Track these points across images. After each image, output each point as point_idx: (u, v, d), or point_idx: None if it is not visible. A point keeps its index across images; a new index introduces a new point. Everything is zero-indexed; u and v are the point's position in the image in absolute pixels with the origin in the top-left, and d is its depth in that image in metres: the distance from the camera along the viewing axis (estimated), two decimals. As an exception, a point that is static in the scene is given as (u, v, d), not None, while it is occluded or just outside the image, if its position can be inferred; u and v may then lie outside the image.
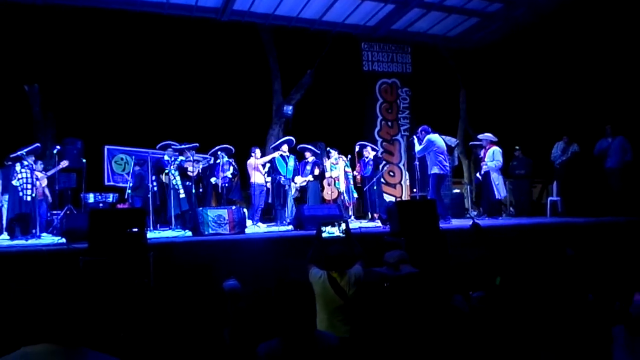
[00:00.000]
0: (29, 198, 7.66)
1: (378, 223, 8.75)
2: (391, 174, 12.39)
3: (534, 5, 10.61)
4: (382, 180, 12.03)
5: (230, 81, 12.72)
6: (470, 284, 4.44)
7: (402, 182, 12.40)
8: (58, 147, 8.57)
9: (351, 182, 10.31)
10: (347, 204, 10.08)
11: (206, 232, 6.62)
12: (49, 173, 8.26)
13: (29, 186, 7.69)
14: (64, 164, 8.24)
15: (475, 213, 10.67)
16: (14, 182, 7.76)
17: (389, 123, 12.54)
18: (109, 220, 5.07)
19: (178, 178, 9.24)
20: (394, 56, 12.57)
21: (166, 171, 9.36)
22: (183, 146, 9.36)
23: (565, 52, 11.93)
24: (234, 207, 7.04)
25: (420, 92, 12.90)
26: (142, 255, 4.93)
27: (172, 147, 9.37)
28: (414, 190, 11.08)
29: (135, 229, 5.03)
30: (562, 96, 12.28)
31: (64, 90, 11.13)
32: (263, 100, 12.78)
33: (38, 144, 8.37)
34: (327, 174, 10.21)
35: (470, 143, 11.97)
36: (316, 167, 9.99)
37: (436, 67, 13.47)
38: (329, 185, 10.07)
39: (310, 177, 9.86)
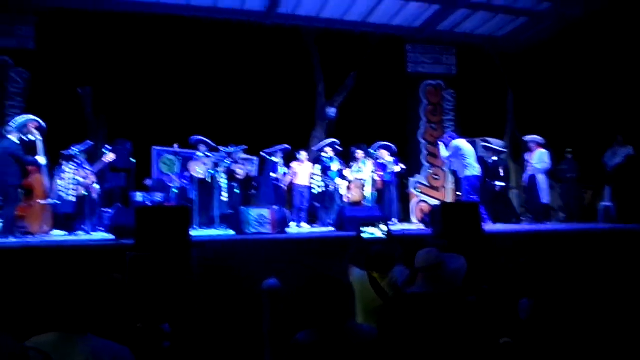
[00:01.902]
0: (72, 198, 7.92)
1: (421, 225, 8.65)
2: (435, 177, 12.21)
3: (588, 2, 10.23)
4: (425, 183, 11.91)
5: (275, 84, 12.85)
6: (518, 289, 4.31)
7: (447, 186, 12.19)
8: (109, 147, 8.85)
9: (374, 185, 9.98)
10: None
11: (248, 231, 6.70)
12: (96, 169, 8.40)
13: (72, 185, 7.95)
14: (110, 157, 8.33)
15: (523, 219, 10.35)
16: (59, 182, 8.04)
17: (433, 125, 12.35)
18: (155, 217, 5.20)
19: (224, 180, 9.38)
20: (439, 57, 12.38)
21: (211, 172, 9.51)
22: (231, 149, 9.51)
23: (620, 50, 11.43)
24: (275, 207, 7.10)
25: (466, 94, 12.65)
26: (185, 252, 5.03)
27: (222, 150, 9.52)
28: (458, 193, 10.87)
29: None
30: (617, 97, 11.76)
31: (115, 93, 11.56)
32: (306, 102, 12.86)
33: (89, 141, 8.62)
34: (355, 176, 9.88)
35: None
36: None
37: (482, 69, 13.17)
38: (356, 187, 9.76)
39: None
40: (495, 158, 9.96)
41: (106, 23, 10.55)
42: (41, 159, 7.19)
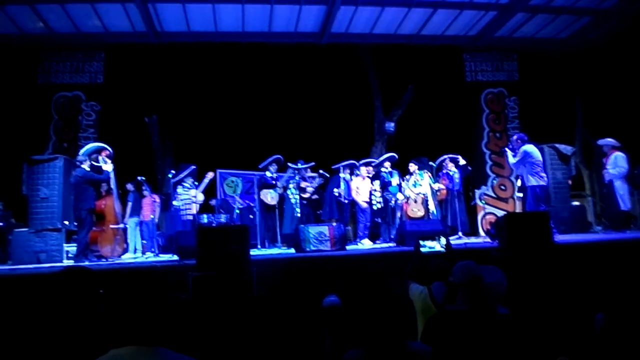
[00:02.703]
0: (189, 217, 8.34)
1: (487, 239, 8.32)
2: (502, 187, 11.74)
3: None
4: (491, 194, 11.50)
5: (333, 101, 12.95)
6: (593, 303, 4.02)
7: (515, 196, 11.69)
8: (173, 171, 9.20)
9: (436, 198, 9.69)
10: None
11: (308, 249, 6.70)
12: (200, 188, 8.80)
13: (188, 206, 8.39)
14: (211, 175, 8.79)
15: (601, 228, 9.78)
16: (175, 203, 8.50)
17: (497, 134, 11.93)
18: (216, 237, 5.31)
19: (297, 197, 9.35)
20: (499, 64, 12.00)
21: (281, 187, 9.57)
22: (300, 166, 9.57)
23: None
24: (334, 224, 7.07)
25: (530, 100, 12.16)
26: (245, 271, 5.10)
27: (291, 167, 9.58)
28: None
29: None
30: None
31: (180, 120, 12.09)
32: (365, 117, 12.84)
33: (194, 166, 9.07)
34: (416, 190, 9.49)
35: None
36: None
37: (546, 73, 12.64)
38: (415, 202, 9.38)
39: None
40: None
41: (168, 55, 11.10)
42: (108, 167, 7.52)
